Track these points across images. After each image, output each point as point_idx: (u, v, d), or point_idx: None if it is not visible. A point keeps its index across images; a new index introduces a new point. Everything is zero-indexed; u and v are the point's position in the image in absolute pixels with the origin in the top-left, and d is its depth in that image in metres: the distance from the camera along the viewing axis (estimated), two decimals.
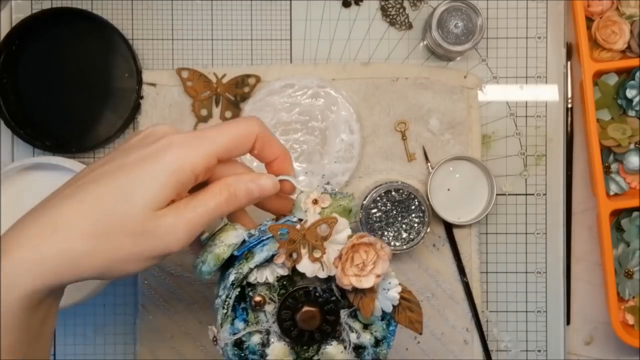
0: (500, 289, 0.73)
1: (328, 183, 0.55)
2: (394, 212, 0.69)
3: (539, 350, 0.73)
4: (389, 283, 0.51)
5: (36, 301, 0.44)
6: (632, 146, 0.71)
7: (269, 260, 0.50)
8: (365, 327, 0.52)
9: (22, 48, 0.70)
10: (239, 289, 0.50)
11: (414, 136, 0.72)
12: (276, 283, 0.51)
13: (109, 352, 0.73)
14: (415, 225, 0.69)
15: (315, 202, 0.51)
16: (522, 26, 0.73)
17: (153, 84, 0.72)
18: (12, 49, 0.70)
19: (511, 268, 0.73)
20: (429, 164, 0.72)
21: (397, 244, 0.69)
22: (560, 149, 0.73)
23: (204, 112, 0.71)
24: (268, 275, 0.50)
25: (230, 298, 0.50)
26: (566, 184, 0.73)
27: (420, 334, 0.52)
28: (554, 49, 0.73)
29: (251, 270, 0.50)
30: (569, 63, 0.73)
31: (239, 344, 0.51)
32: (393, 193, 0.69)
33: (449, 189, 0.71)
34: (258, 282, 0.50)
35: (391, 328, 0.52)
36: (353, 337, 0.52)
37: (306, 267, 0.49)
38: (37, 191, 0.65)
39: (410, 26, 0.73)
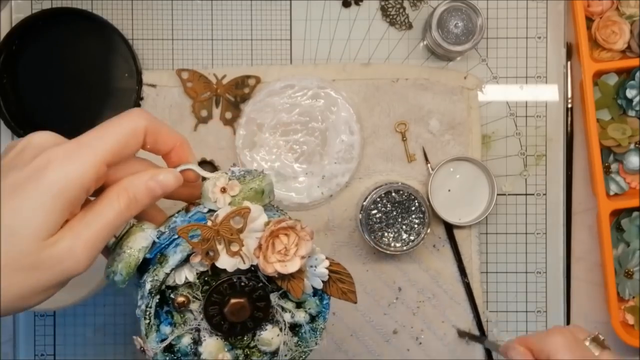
0: (501, 289, 0.73)
1: (234, 165, 0.51)
2: (394, 213, 0.69)
3: None
4: (316, 260, 0.49)
5: None
6: (632, 146, 0.71)
7: (186, 260, 0.47)
8: (299, 305, 0.51)
9: (22, 48, 0.70)
10: (158, 296, 0.47)
11: (414, 137, 0.72)
12: (197, 280, 0.48)
13: (109, 352, 0.73)
14: (416, 226, 0.69)
15: (223, 190, 0.47)
16: (522, 26, 0.73)
17: (153, 85, 0.71)
18: (12, 49, 0.70)
19: (511, 268, 0.73)
20: (429, 164, 0.72)
21: (398, 245, 0.69)
22: (560, 149, 0.73)
23: (204, 113, 0.71)
24: (187, 274, 0.47)
25: (150, 307, 0.47)
26: (566, 184, 0.73)
27: (355, 302, 0.50)
28: (554, 49, 0.73)
29: (167, 275, 0.46)
30: (569, 63, 0.73)
31: (169, 348, 0.49)
32: (393, 194, 0.69)
33: (449, 190, 0.71)
34: (178, 284, 0.47)
35: (325, 302, 0.51)
36: (287, 317, 0.50)
37: (226, 262, 0.47)
38: None
39: (410, 26, 0.73)
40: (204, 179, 0.48)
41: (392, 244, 0.69)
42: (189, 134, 0.71)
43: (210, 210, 0.47)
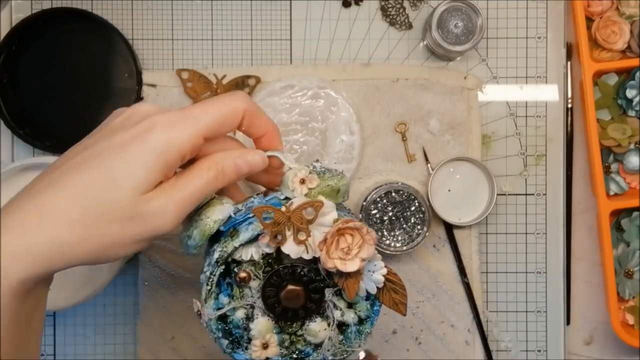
0: (501, 289, 0.73)
1: (317, 161, 0.54)
2: (394, 213, 0.69)
3: (539, 350, 0.73)
4: (375, 265, 0.51)
5: (25, 290, 0.43)
6: (632, 146, 0.71)
7: (255, 239, 0.50)
8: (350, 305, 0.53)
9: (22, 48, 0.70)
10: (223, 266, 0.50)
11: (414, 137, 0.72)
12: (261, 260, 0.51)
13: (109, 352, 0.73)
14: (416, 226, 0.69)
15: (302, 181, 0.50)
16: (522, 26, 0.73)
17: (153, 85, 0.72)
18: (12, 49, 0.70)
19: (511, 268, 0.73)
20: (429, 165, 0.72)
21: (397, 244, 0.69)
22: (560, 149, 0.73)
23: None
24: (253, 252, 0.50)
25: (214, 275, 0.50)
26: (566, 184, 0.73)
27: (404, 315, 0.52)
28: (554, 49, 0.73)
29: (236, 248, 0.49)
30: (569, 63, 0.73)
31: (223, 317, 0.51)
32: (393, 194, 0.69)
33: (449, 190, 0.71)
34: (243, 259, 0.50)
35: (375, 308, 0.53)
36: (337, 314, 0.52)
37: (291, 249, 0.49)
38: None
39: (410, 26, 0.73)
40: (286, 168, 0.51)
41: (392, 244, 0.69)
42: None
43: (286, 198, 0.50)
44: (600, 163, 0.70)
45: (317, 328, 0.52)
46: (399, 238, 0.69)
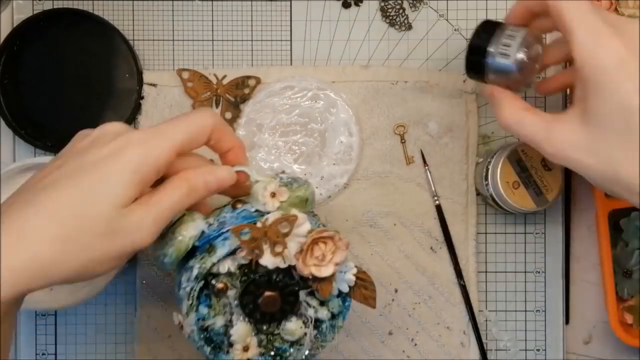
0: (499, 288, 0.73)
1: (283, 172, 0.57)
2: None
3: (538, 350, 0.73)
4: (346, 266, 0.55)
5: (2, 312, 0.43)
6: None
7: (231, 253, 0.52)
8: (322, 303, 0.56)
9: (23, 49, 0.71)
10: (203, 281, 0.52)
11: (412, 139, 0.72)
12: (237, 271, 0.53)
13: (109, 352, 0.73)
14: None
15: (273, 195, 0.53)
16: None
17: (154, 85, 0.72)
18: (14, 50, 0.70)
19: (510, 267, 0.73)
20: (426, 167, 0.72)
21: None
22: None
23: None
24: (230, 265, 0.52)
25: (195, 290, 0.52)
26: (565, 183, 0.73)
27: (374, 308, 0.57)
28: None
29: (214, 264, 0.52)
30: (568, 63, 0.73)
31: (204, 327, 0.54)
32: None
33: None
34: (220, 272, 0.52)
35: (347, 304, 0.56)
36: (311, 312, 0.56)
37: (268, 261, 0.52)
38: None
39: (409, 27, 0.73)
40: (254, 180, 0.54)
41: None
42: None
43: (257, 210, 0.53)
44: None
45: (294, 327, 0.55)
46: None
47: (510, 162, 0.66)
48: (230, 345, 0.55)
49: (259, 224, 0.51)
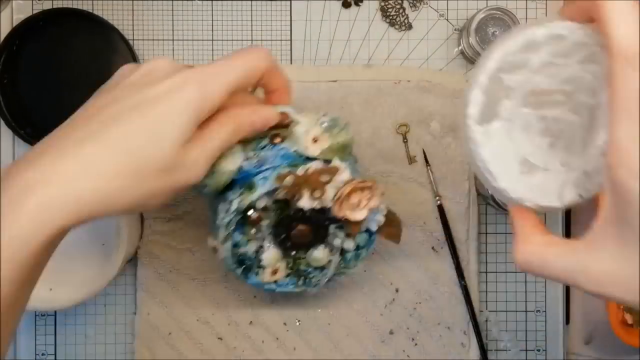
0: (500, 288, 0.73)
1: (325, 115, 0.57)
2: None
3: (539, 350, 0.73)
4: (377, 209, 0.58)
5: (59, 238, 0.44)
6: None
7: (270, 192, 0.55)
8: (349, 235, 0.59)
9: (23, 49, 0.71)
10: (240, 214, 0.56)
11: (415, 139, 0.72)
12: (273, 205, 0.57)
13: (109, 352, 0.73)
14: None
15: (315, 140, 0.55)
16: None
17: None
18: (13, 50, 0.70)
19: (510, 267, 0.73)
20: (428, 167, 0.72)
21: None
22: None
23: None
24: (267, 201, 0.56)
25: (232, 223, 0.56)
26: None
27: (398, 243, 0.61)
28: None
29: (253, 201, 0.55)
30: None
31: (236, 251, 0.58)
32: None
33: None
34: (257, 207, 0.56)
35: (372, 237, 0.60)
36: (338, 242, 0.59)
37: (306, 203, 0.56)
38: None
39: (410, 27, 0.73)
40: (296, 121, 0.55)
41: None
42: None
43: (296, 150, 0.55)
44: None
45: (321, 255, 0.59)
46: None
47: None
48: (260, 267, 0.59)
49: (300, 172, 0.54)
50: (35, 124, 0.71)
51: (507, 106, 0.45)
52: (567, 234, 0.73)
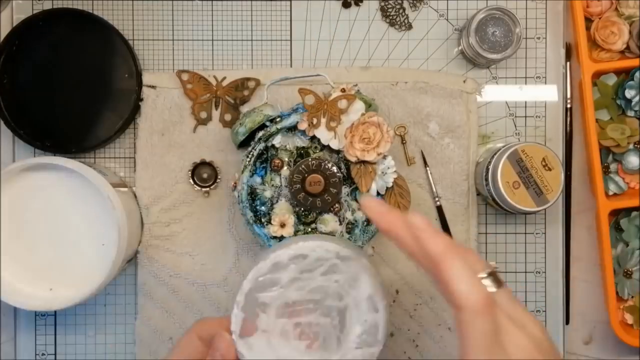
0: None
1: (356, 85, 0.66)
2: None
3: None
4: (388, 167, 0.65)
5: None
6: (631, 146, 0.72)
7: (293, 130, 0.64)
8: (360, 208, 0.64)
9: (23, 49, 0.71)
10: (263, 144, 0.64)
11: (413, 140, 0.72)
12: (295, 151, 0.65)
13: (109, 352, 0.73)
14: None
15: (342, 90, 0.64)
16: (521, 26, 0.73)
17: (153, 87, 0.72)
18: (13, 50, 0.70)
19: (510, 268, 0.73)
20: (427, 168, 0.71)
21: None
22: (560, 149, 0.73)
23: (203, 115, 0.71)
24: (290, 142, 0.64)
25: (254, 149, 0.64)
26: (565, 183, 0.73)
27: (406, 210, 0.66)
28: (553, 50, 0.73)
29: (278, 130, 0.64)
30: (568, 63, 0.73)
31: (252, 194, 0.65)
32: None
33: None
34: (280, 147, 0.64)
35: None
36: (349, 214, 0.65)
37: (323, 133, 0.63)
38: (38, 191, 0.65)
39: (409, 27, 0.73)
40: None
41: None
42: (188, 135, 0.71)
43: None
44: (599, 163, 0.70)
45: (329, 219, 0.65)
46: None
47: (510, 162, 0.66)
48: (269, 220, 0.65)
49: (322, 96, 0.63)
50: (35, 124, 0.71)
51: (264, 319, 0.54)
52: (567, 233, 0.73)
